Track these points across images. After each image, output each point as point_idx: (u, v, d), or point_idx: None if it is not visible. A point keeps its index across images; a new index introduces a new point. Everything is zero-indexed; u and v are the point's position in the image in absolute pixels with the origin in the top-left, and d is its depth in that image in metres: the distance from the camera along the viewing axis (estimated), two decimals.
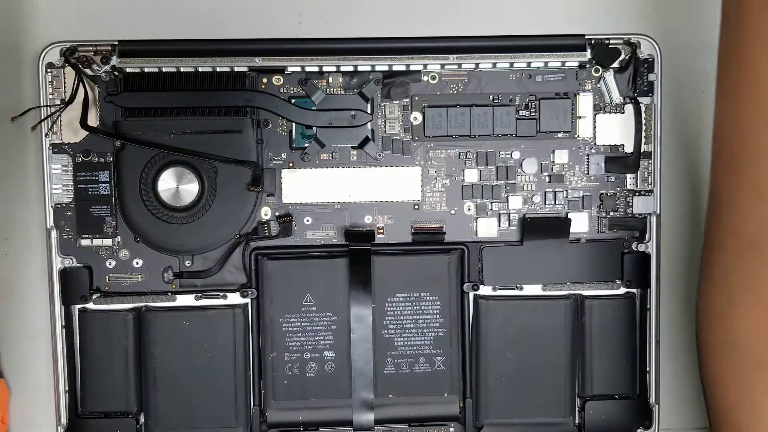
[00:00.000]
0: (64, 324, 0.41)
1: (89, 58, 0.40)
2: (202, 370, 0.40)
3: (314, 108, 0.40)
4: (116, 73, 0.40)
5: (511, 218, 0.41)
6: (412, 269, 0.41)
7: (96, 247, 0.41)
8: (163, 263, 0.41)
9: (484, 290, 0.42)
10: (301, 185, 0.41)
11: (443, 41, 0.40)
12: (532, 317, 0.41)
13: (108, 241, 0.41)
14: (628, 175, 0.41)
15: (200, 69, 0.40)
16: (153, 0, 0.42)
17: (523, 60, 0.40)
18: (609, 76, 0.41)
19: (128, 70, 0.40)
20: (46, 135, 0.40)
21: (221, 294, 0.41)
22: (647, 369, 0.42)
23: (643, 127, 0.41)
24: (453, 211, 0.41)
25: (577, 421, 0.42)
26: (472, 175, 0.41)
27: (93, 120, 0.40)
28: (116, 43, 0.40)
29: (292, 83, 0.40)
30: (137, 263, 0.41)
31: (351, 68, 0.40)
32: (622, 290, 0.42)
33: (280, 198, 0.41)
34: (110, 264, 0.41)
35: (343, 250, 0.41)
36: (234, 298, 0.41)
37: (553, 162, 0.41)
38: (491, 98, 0.41)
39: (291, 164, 0.41)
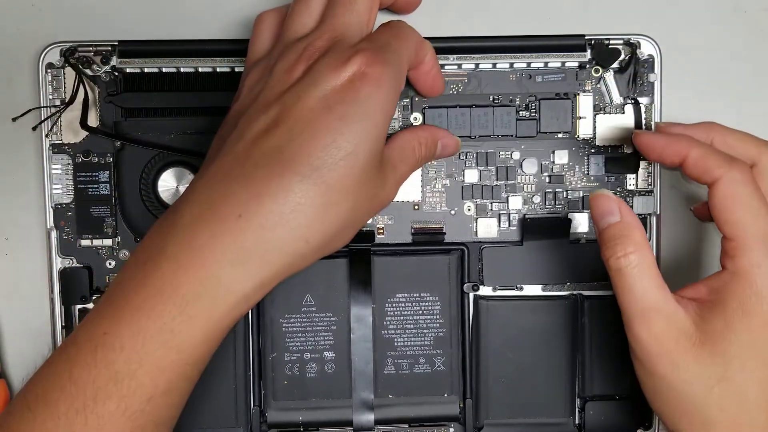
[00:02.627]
0: (64, 324, 0.41)
1: (89, 58, 0.40)
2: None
3: None
4: (116, 74, 0.40)
5: (511, 218, 0.41)
6: (412, 269, 0.41)
7: (96, 248, 0.41)
8: None
9: (484, 290, 0.42)
10: None
11: (443, 41, 0.40)
12: (532, 317, 0.41)
13: (108, 242, 0.41)
14: (628, 175, 0.41)
15: (200, 69, 0.40)
16: (153, 0, 0.42)
17: (523, 60, 0.40)
18: (609, 76, 0.41)
19: (128, 70, 0.40)
20: (47, 135, 0.40)
21: None
22: None
23: (643, 128, 0.41)
24: (453, 212, 0.41)
25: (577, 422, 0.42)
26: (472, 176, 0.41)
27: (93, 120, 0.40)
28: (116, 43, 0.40)
29: None
30: None
31: None
32: None
33: None
34: (110, 264, 0.41)
35: (343, 250, 0.41)
36: None
37: (553, 162, 0.41)
38: (491, 98, 0.41)
39: None
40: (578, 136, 0.41)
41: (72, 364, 0.30)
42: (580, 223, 0.41)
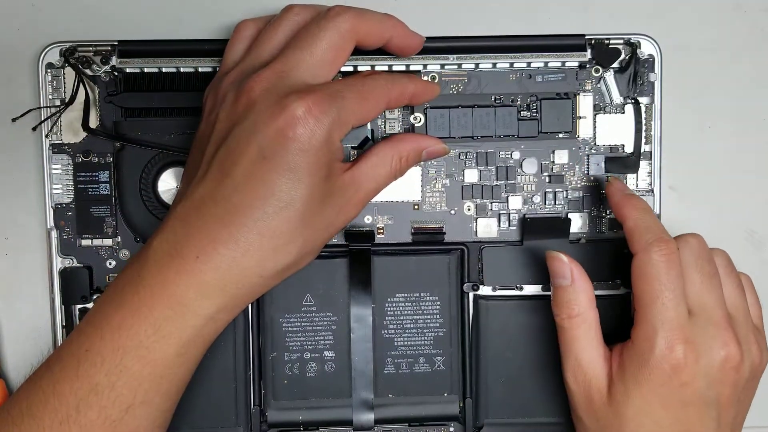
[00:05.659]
0: (64, 324, 0.41)
1: (89, 58, 0.40)
2: (203, 370, 0.40)
3: None
4: (116, 74, 0.40)
5: (511, 218, 0.41)
6: (412, 269, 0.41)
7: (96, 248, 0.41)
8: None
9: (484, 290, 0.42)
10: None
11: (443, 41, 0.40)
12: (532, 317, 0.41)
13: (108, 242, 0.41)
14: (628, 176, 0.41)
15: (200, 69, 0.40)
16: (153, 0, 0.42)
17: (523, 60, 0.40)
18: (609, 76, 0.41)
19: (128, 70, 0.40)
20: (47, 136, 0.40)
21: None
22: None
23: (643, 127, 0.41)
24: (453, 211, 0.41)
25: None
26: (472, 176, 0.41)
27: (93, 120, 0.40)
28: (116, 43, 0.40)
29: None
30: None
31: (350, 68, 0.40)
32: (622, 290, 0.42)
33: None
34: (110, 264, 0.41)
35: (343, 250, 0.41)
36: None
37: (553, 162, 0.41)
38: (493, 98, 0.41)
39: None
40: (578, 136, 0.41)
41: (56, 379, 0.32)
42: (580, 223, 0.41)
